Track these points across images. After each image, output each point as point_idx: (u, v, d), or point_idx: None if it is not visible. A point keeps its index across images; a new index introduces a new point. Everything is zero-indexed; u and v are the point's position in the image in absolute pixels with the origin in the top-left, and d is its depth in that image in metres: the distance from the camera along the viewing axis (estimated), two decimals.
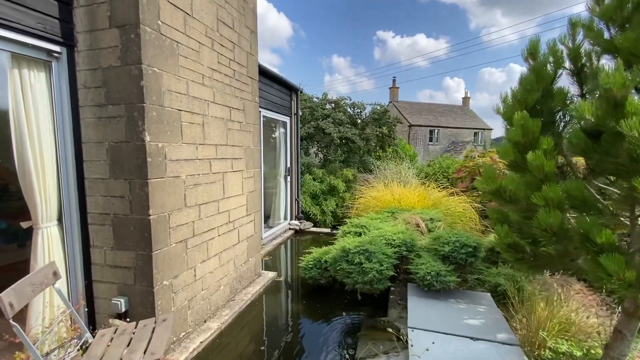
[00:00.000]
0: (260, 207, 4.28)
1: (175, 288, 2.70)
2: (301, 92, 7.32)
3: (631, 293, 1.65)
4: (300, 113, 7.42)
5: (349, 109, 9.32)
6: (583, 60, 2.22)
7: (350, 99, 9.36)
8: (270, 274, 4.29)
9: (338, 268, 2.95)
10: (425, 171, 8.76)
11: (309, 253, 4.13)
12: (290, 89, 6.93)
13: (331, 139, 8.55)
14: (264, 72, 5.56)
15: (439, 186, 6.06)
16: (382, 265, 2.82)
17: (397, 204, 5.15)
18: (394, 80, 27.95)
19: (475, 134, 29.40)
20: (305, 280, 3.87)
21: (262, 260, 4.46)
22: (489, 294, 2.85)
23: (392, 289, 3.19)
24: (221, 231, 3.34)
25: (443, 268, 2.76)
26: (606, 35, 2.06)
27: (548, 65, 2.31)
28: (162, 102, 2.50)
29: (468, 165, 5.12)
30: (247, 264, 3.92)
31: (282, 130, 6.99)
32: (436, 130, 27.43)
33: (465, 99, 32.78)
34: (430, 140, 27.14)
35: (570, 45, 2.24)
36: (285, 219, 7.07)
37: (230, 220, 3.52)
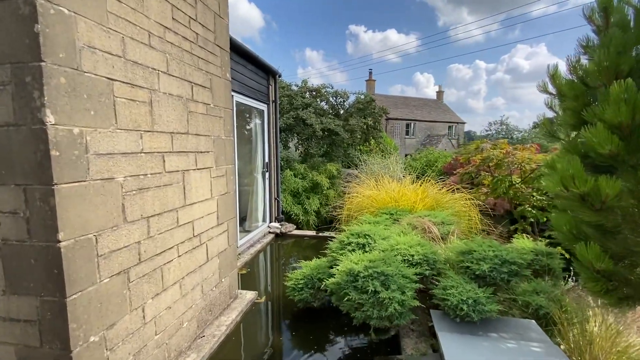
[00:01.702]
0: (235, 213, 3.44)
1: (112, 343, 1.84)
2: (279, 77, 6.45)
3: None
4: (279, 102, 6.55)
5: (331, 98, 8.55)
6: None
7: (332, 87, 8.59)
8: (249, 295, 3.48)
9: (345, 299, 2.21)
10: (412, 165, 8.24)
11: (297, 268, 3.36)
12: (268, 71, 6.04)
13: (313, 130, 7.76)
14: (236, 49, 4.65)
15: (427, 181, 5.48)
16: (403, 293, 2.12)
17: (395, 203, 4.49)
18: (370, 73, 27.44)
19: (450, 127, 29.72)
20: (293, 302, 3.11)
21: (238, 275, 3.62)
22: (534, 321, 2.26)
23: None
24: (182, 250, 2.48)
25: (481, 294, 2.12)
26: None
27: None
28: (78, 64, 1.60)
29: (475, 159, 4.58)
30: (220, 287, 3.09)
31: (258, 120, 6.10)
32: (412, 124, 27.36)
33: (439, 93, 33.06)
34: (407, 133, 27.04)
35: None
36: (264, 221, 6.23)
37: (196, 234, 2.66)
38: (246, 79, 5.24)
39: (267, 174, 6.32)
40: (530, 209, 3.97)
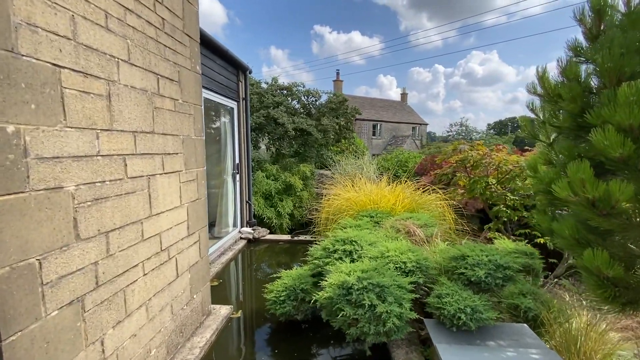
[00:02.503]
0: (206, 222, 3.13)
1: None
2: (250, 74, 6.13)
3: None
4: (249, 99, 6.23)
5: (302, 97, 8.34)
6: None
7: (304, 86, 8.39)
8: (224, 310, 3.18)
9: (339, 314, 2.03)
10: (384, 166, 8.30)
11: (276, 277, 3.13)
12: (238, 67, 5.70)
13: (285, 130, 7.50)
14: (204, 41, 4.29)
15: (404, 182, 5.50)
16: (400, 305, 1.99)
17: (374, 205, 4.41)
18: (337, 73, 27.58)
19: (414, 128, 30.81)
20: (272, 315, 2.88)
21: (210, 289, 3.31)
22: (526, 325, 2.25)
23: None
24: (149, 267, 2.16)
25: (478, 301, 2.06)
26: None
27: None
28: (13, 44, 1.27)
29: (450, 160, 4.64)
30: (192, 304, 2.77)
31: (227, 118, 5.74)
32: (379, 125, 27.96)
33: (403, 95, 34.17)
34: (374, 134, 27.57)
35: None
36: (235, 226, 5.88)
37: (164, 248, 2.34)
38: (215, 74, 4.89)
39: (237, 176, 5.97)
40: (504, 208, 4.09)
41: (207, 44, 4.51)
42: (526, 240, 4.19)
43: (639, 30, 1.60)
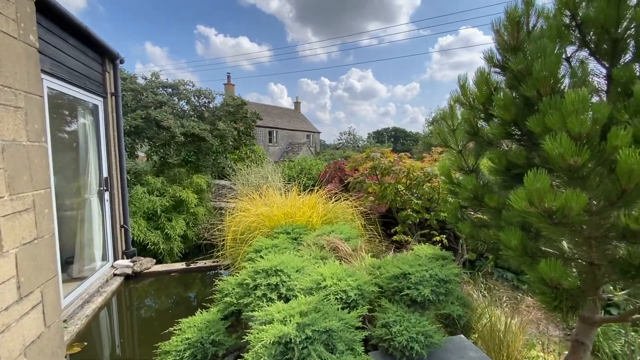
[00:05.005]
0: (56, 269, 2.08)
1: None
2: (121, 63, 4.85)
3: None
4: (121, 96, 4.92)
5: (193, 98, 7.21)
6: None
7: (194, 85, 7.28)
8: None
9: None
10: (288, 174, 7.98)
11: (174, 329, 2.33)
12: (104, 52, 4.40)
13: (171, 135, 6.29)
14: (49, 9, 3.06)
15: (312, 191, 5.30)
16: (353, 350, 1.59)
17: (288, 219, 3.97)
18: (228, 77, 26.10)
19: (308, 136, 31.88)
20: None
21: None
22: (463, 336, 2.20)
23: None
24: None
25: (428, 325, 1.85)
26: None
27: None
28: None
29: (364, 167, 4.62)
30: None
31: (89, 118, 4.36)
32: (275, 132, 27.75)
33: (297, 104, 35.09)
34: (270, 141, 27.18)
35: None
36: (106, 260, 4.49)
37: None
38: (67, 57, 3.59)
39: (106, 194, 4.60)
40: (411, 212, 4.29)
41: (54, 15, 3.24)
42: (424, 239, 4.53)
43: (564, 40, 1.69)
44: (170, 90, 7.00)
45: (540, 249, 1.68)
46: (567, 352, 2.27)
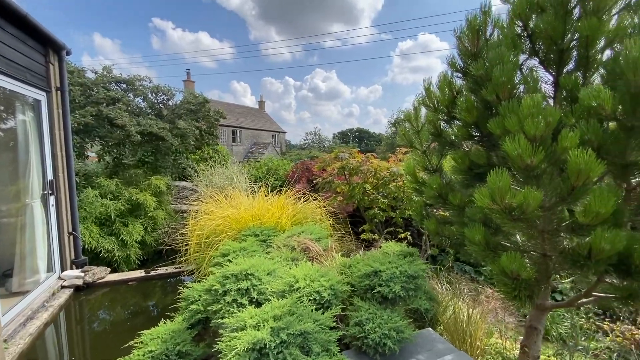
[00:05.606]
0: None
1: None
2: (68, 55, 4.43)
3: None
4: (68, 91, 4.49)
5: (150, 95, 6.78)
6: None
7: (151, 81, 6.85)
8: None
9: None
10: (254, 175, 7.82)
11: (136, 342, 2.17)
12: (46, 42, 4.00)
13: (126, 134, 5.86)
14: None
15: (281, 191, 5.25)
16: (328, 351, 1.58)
17: (256, 221, 3.87)
18: (188, 73, 24.99)
19: (273, 136, 31.48)
20: None
21: None
22: (430, 329, 2.29)
23: None
24: None
25: (399, 320, 1.90)
26: None
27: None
28: None
29: (332, 167, 4.63)
30: None
31: (30, 114, 3.93)
32: (239, 131, 27.03)
33: (261, 103, 34.48)
34: (234, 140, 26.43)
35: None
36: (52, 271, 4.07)
37: None
38: (2, 46, 3.20)
39: (52, 198, 4.18)
40: (378, 211, 4.40)
41: None
42: (390, 236, 4.68)
43: (517, 49, 1.81)
44: (124, 86, 6.51)
45: (501, 243, 1.79)
46: (522, 337, 2.46)
